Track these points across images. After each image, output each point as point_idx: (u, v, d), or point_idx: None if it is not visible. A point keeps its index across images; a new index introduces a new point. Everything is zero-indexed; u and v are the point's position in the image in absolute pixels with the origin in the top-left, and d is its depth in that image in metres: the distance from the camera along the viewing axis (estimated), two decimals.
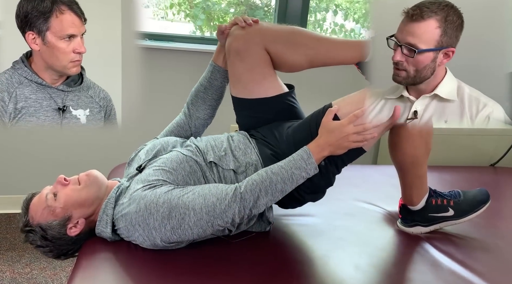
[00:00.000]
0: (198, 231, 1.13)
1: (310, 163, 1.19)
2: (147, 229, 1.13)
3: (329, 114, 1.23)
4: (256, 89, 1.38)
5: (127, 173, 1.35)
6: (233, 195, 1.13)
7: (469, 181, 1.93)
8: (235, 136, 1.37)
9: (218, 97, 1.48)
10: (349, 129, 1.19)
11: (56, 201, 1.18)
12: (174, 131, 1.48)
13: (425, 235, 1.41)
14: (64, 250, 1.24)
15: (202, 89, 1.46)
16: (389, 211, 1.56)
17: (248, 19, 1.35)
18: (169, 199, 1.13)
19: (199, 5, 2.57)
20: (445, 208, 1.39)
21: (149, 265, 1.14)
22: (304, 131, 1.29)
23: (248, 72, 1.36)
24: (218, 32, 1.41)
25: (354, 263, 1.25)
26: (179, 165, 1.22)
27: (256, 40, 1.34)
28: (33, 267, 1.98)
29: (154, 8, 2.61)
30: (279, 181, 1.16)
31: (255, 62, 1.35)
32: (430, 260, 1.29)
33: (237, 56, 1.35)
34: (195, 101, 1.47)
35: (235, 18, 1.37)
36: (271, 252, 1.25)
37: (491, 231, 1.50)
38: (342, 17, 2.74)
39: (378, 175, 1.77)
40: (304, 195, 1.29)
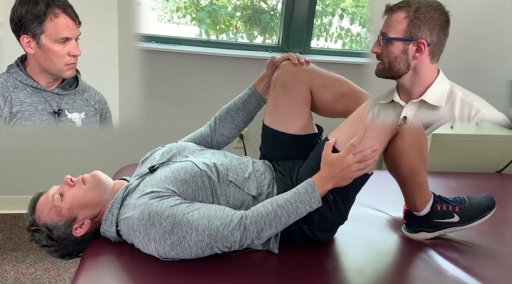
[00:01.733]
0: (197, 252, 1.13)
1: (314, 197, 1.19)
2: (147, 238, 1.13)
3: (327, 148, 1.24)
4: (291, 125, 1.41)
5: (138, 171, 1.35)
6: (238, 223, 1.13)
7: (475, 187, 1.92)
8: (260, 164, 1.39)
9: (247, 120, 1.51)
10: (349, 159, 1.19)
11: (62, 201, 1.18)
12: (196, 140, 1.50)
13: (429, 241, 1.40)
14: (69, 250, 1.24)
15: (235, 108, 1.49)
16: (394, 217, 1.55)
17: (301, 58, 1.40)
18: (174, 214, 1.12)
19: (205, 8, 2.58)
20: (450, 214, 1.38)
21: (152, 267, 1.14)
22: (306, 168, 1.30)
23: (288, 107, 1.40)
24: (269, 63, 1.45)
25: (359, 268, 1.25)
26: (192, 177, 1.22)
27: (304, 79, 1.39)
28: (37, 268, 1.98)
29: (160, 12, 2.62)
30: (284, 214, 1.16)
31: (297, 99, 1.40)
32: (434, 266, 1.29)
33: (282, 89, 1.40)
34: (224, 118, 1.49)
35: (289, 54, 1.42)
36: (274, 256, 1.24)
37: (497, 238, 1.49)
38: (349, 21, 2.74)
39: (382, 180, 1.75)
40: (317, 233, 1.29)
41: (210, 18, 2.58)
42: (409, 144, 1.26)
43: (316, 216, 1.24)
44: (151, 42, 2.39)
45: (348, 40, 2.77)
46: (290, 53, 1.42)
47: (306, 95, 1.41)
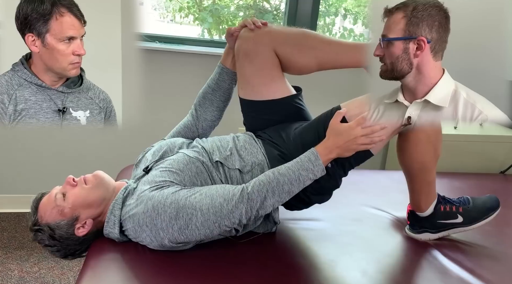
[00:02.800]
0: (205, 232, 1.14)
1: (317, 165, 1.19)
2: (154, 229, 1.13)
3: (337, 116, 1.23)
4: (265, 91, 1.38)
5: (134, 174, 1.36)
6: (240, 195, 1.13)
7: (478, 188, 1.91)
8: (241, 136, 1.38)
9: (226, 99, 1.49)
10: (357, 131, 1.19)
11: (65, 201, 1.19)
12: (181, 132, 1.49)
13: (433, 242, 1.40)
14: (71, 250, 1.25)
15: (210, 91, 1.47)
16: (397, 217, 1.55)
17: (257, 21, 1.35)
18: (177, 199, 1.13)
19: (208, 8, 2.58)
20: (454, 215, 1.38)
21: (156, 266, 1.15)
22: (311, 133, 1.29)
23: (257, 74, 1.37)
24: (227, 34, 1.41)
25: (362, 268, 1.24)
26: (185, 165, 1.23)
27: (265, 42, 1.34)
28: (41, 266, 1.99)
29: (163, 11, 2.63)
30: (286, 182, 1.16)
31: (264, 64, 1.36)
32: (438, 267, 1.28)
33: (246, 58, 1.36)
34: (203, 103, 1.48)
35: (244, 21, 1.38)
36: (277, 256, 1.25)
37: (501, 239, 1.48)
38: (351, 21, 2.74)
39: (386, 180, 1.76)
40: (310, 196, 1.29)
41: (213, 18, 2.59)
42: (425, 139, 1.26)
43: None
44: (154, 41, 2.39)
45: (351, 40, 2.76)
46: (246, 19, 1.38)
47: (272, 58, 1.35)
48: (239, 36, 1.38)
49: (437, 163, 1.32)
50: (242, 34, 1.37)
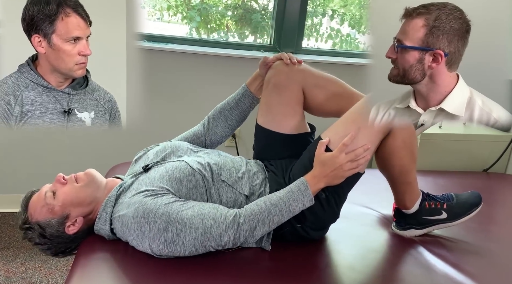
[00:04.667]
0: (191, 250, 1.14)
1: (307, 195, 1.20)
2: (141, 236, 1.14)
3: (320, 147, 1.25)
4: (284, 124, 1.42)
5: (132, 170, 1.35)
6: (232, 221, 1.14)
7: (462, 185, 1.95)
8: (253, 164, 1.40)
9: (240, 120, 1.52)
10: (341, 159, 1.21)
11: (55, 199, 1.18)
12: (190, 139, 1.50)
13: (419, 238, 1.43)
14: (62, 248, 1.24)
15: (228, 108, 1.49)
16: (384, 214, 1.58)
17: (294, 58, 1.41)
18: (168, 212, 1.13)
19: (196, 7, 2.59)
20: (438, 211, 1.41)
21: (147, 265, 1.15)
22: (300, 169, 1.30)
23: (281, 106, 1.41)
24: (262, 63, 1.45)
25: (349, 264, 1.27)
26: (186, 176, 1.22)
27: (297, 79, 1.40)
28: (28, 266, 1.97)
29: (150, 9, 2.62)
30: (277, 212, 1.17)
31: (290, 98, 1.41)
32: (423, 262, 1.31)
33: (275, 89, 1.41)
34: (218, 117, 1.50)
35: (281, 54, 1.43)
36: (267, 253, 1.26)
37: (484, 235, 1.52)
38: (338, 22, 2.76)
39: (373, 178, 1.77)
40: (309, 231, 1.31)
41: (201, 17, 2.59)
42: (401, 144, 1.29)
43: (308, 215, 1.26)
44: (142, 40, 2.38)
45: (338, 40, 2.79)
46: (283, 53, 1.43)
47: (299, 95, 1.42)
48: (273, 67, 1.43)
49: (416, 163, 1.35)
50: (276, 66, 1.42)
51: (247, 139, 2.45)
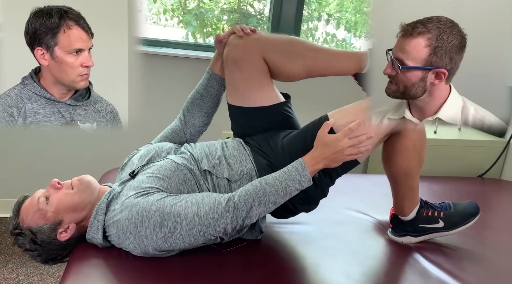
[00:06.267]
0: (190, 240, 1.13)
1: (304, 175, 1.19)
2: (138, 236, 1.12)
3: (325, 127, 1.24)
4: (253, 98, 1.38)
5: (119, 177, 1.34)
6: (226, 204, 1.13)
7: (457, 191, 1.96)
8: (230, 143, 1.37)
9: (214, 105, 1.48)
10: (344, 143, 1.20)
11: (48, 204, 1.17)
12: (169, 137, 1.47)
13: (415, 245, 1.42)
14: (53, 255, 1.22)
15: (198, 96, 1.46)
16: (380, 220, 1.57)
17: (246, 28, 1.35)
18: (162, 206, 1.12)
19: (192, 11, 2.58)
20: (435, 220, 1.41)
21: (140, 272, 1.14)
22: (299, 143, 1.29)
23: (246, 81, 1.37)
24: (216, 41, 1.41)
25: (345, 271, 1.26)
26: (173, 172, 1.22)
27: (254, 50, 1.34)
28: (20, 273, 1.95)
29: (146, 13, 2.61)
30: (273, 192, 1.16)
31: (252, 71, 1.36)
32: (419, 269, 1.31)
33: (235, 65, 1.36)
34: (191, 108, 1.47)
35: (233, 27, 1.37)
36: (262, 260, 1.25)
37: (479, 241, 1.52)
38: (334, 26, 2.77)
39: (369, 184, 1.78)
40: (297, 205, 1.30)
41: (197, 21, 2.58)
42: (411, 146, 1.28)
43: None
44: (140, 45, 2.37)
45: (334, 45, 2.80)
46: (235, 26, 1.38)
47: (261, 65, 1.36)
48: (228, 43, 1.37)
49: (421, 170, 1.35)
50: (231, 41, 1.37)
51: None
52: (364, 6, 2.75)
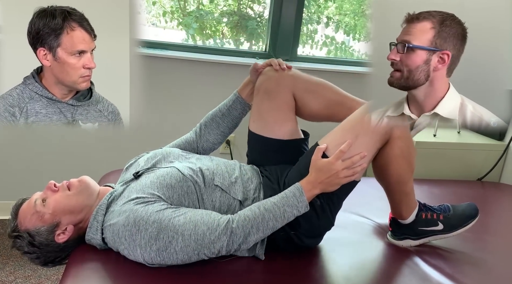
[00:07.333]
0: (183, 257, 1.12)
1: (301, 201, 1.19)
2: (132, 244, 1.12)
3: (317, 152, 1.24)
4: (276, 130, 1.42)
5: (123, 177, 1.34)
6: (225, 227, 1.12)
7: (457, 194, 1.96)
8: (247, 168, 1.39)
9: (232, 126, 1.51)
10: (338, 166, 1.20)
11: (45, 206, 1.17)
12: (181, 146, 1.49)
13: (414, 248, 1.42)
14: (51, 257, 1.22)
15: (220, 115, 1.49)
16: (379, 224, 1.57)
17: (283, 63, 1.41)
18: (160, 219, 1.11)
19: (192, 13, 2.58)
20: (434, 222, 1.40)
21: (139, 275, 1.13)
22: (296, 176, 1.29)
23: (273, 112, 1.41)
24: (253, 69, 1.45)
25: (344, 274, 1.25)
26: (177, 182, 1.21)
27: (287, 85, 1.40)
28: (17, 275, 1.94)
29: (146, 15, 2.61)
30: (271, 218, 1.16)
31: (282, 104, 1.41)
32: (419, 273, 1.30)
33: (266, 95, 1.40)
34: (210, 124, 1.49)
35: (271, 60, 1.43)
36: (261, 264, 1.24)
37: (479, 245, 1.52)
38: (333, 29, 2.77)
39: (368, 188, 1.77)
40: (303, 239, 1.29)
41: (197, 23, 2.58)
42: (399, 153, 1.28)
43: (302, 222, 1.24)
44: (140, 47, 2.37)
45: (333, 48, 2.80)
46: (272, 59, 1.43)
47: (290, 101, 1.42)
48: (263, 73, 1.43)
49: (413, 173, 1.34)
50: (266, 72, 1.42)
51: (241, 146, 2.44)
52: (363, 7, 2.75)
